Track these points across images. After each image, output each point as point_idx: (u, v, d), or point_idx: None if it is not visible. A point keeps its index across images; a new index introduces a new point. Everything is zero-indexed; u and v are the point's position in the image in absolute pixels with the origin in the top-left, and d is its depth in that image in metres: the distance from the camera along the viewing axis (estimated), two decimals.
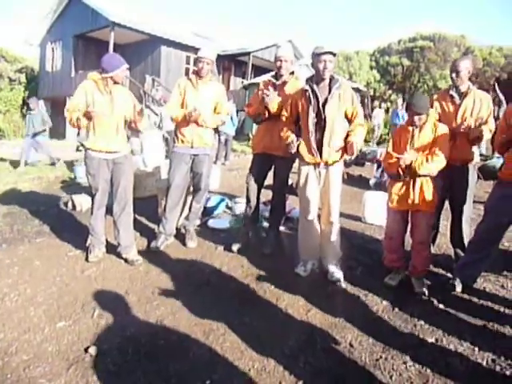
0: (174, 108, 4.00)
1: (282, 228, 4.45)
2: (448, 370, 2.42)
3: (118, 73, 3.52)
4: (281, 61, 3.80)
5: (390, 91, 24.69)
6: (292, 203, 5.05)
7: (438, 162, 3.18)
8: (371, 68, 25.16)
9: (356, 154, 3.27)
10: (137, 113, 3.64)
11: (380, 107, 16.83)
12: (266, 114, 3.81)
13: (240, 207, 5.21)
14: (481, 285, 3.52)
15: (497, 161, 6.42)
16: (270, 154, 3.93)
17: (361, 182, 7.94)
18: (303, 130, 3.43)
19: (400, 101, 14.81)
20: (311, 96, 3.32)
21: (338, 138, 3.34)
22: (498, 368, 2.46)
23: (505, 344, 2.69)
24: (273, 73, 4.01)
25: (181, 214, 4.47)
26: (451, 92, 3.64)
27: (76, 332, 2.72)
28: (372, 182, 7.52)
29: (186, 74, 17.63)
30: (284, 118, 3.50)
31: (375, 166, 8.17)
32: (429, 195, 3.25)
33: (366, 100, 19.44)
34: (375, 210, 5.12)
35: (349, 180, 8.06)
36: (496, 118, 4.41)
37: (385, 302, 3.20)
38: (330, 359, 2.50)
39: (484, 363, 2.51)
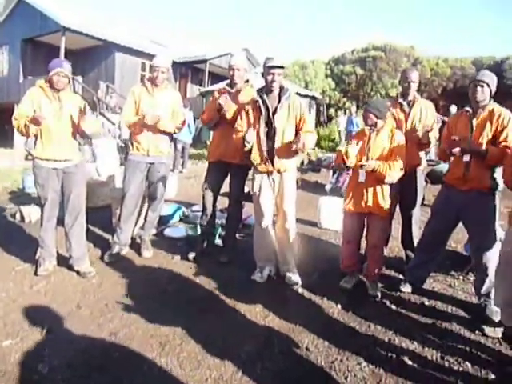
0: (129, 115, 3.93)
1: (238, 235, 4.46)
2: (400, 367, 2.51)
3: (51, 76, 3.36)
4: (233, 69, 3.83)
5: (345, 99, 25.39)
6: (249, 210, 5.06)
7: (400, 170, 3.30)
8: (326, 76, 25.80)
9: (305, 151, 3.29)
10: (80, 112, 3.48)
11: (345, 114, 17.21)
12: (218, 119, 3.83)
13: (197, 215, 5.17)
14: (430, 285, 3.67)
15: (444, 166, 6.72)
16: (226, 161, 3.93)
17: (317, 188, 8.09)
18: (255, 139, 3.47)
19: (354, 108, 15.29)
20: (261, 106, 3.38)
21: (288, 147, 3.40)
22: (446, 364, 2.58)
23: (452, 341, 2.82)
24: (228, 81, 4.03)
25: (136, 224, 4.38)
26: (400, 100, 3.82)
27: (24, 350, 2.59)
28: (328, 187, 7.68)
29: (141, 80, 17.35)
30: (238, 127, 3.53)
31: (331, 171, 8.36)
32: (384, 199, 3.36)
33: (321, 108, 19.90)
34: (331, 215, 5.24)
35: (305, 186, 8.20)
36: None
37: (340, 305, 3.27)
38: (287, 363, 2.52)
39: (433, 360, 2.62)
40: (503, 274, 2.79)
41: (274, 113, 3.38)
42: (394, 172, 3.26)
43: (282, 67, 3.34)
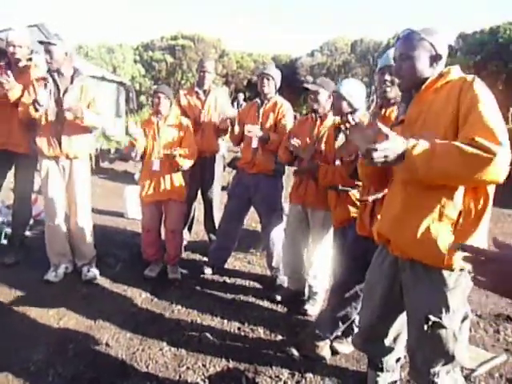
0: None
1: (29, 233, 3.97)
2: (201, 345, 2.62)
3: None
4: (13, 46, 3.33)
5: (156, 86, 25.11)
6: (41, 205, 4.56)
7: (192, 156, 3.37)
8: (135, 62, 25.00)
9: (76, 114, 3.04)
10: None
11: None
12: None
13: None
14: (232, 264, 3.91)
15: None
16: (9, 151, 3.41)
17: (126, 178, 7.80)
18: (42, 119, 3.12)
19: None
20: (51, 85, 3.07)
21: (80, 130, 3.16)
22: (242, 333, 2.80)
23: (248, 312, 3.07)
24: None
25: None
26: (196, 89, 3.93)
27: None
28: (137, 176, 7.47)
29: None
30: (25, 101, 3.11)
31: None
32: (179, 185, 3.42)
33: (131, 94, 19.23)
34: (137, 204, 5.09)
35: (113, 176, 7.83)
36: None
37: (144, 294, 3.22)
38: (83, 364, 2.36)
39: (232, 331, 2.81)
40: (287, 249, 3.19)
41: (64, 93, 3.12)
42: (187, 160, 3.34)
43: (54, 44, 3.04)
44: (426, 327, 1.55)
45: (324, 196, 2.75)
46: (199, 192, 4.11)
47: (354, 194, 2.54)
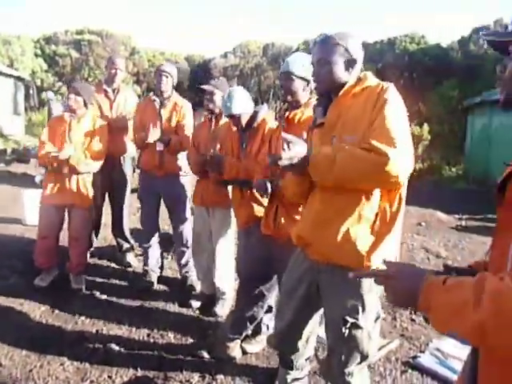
0: None
1: None
2: (106, 357, 2.49)
3: None
4: None
5: (60, 83, 23.50)
6: None
7: (99, 157, 3.22)
8: (36, 56, 23.18)
9: None
10: None
11: (63, 98, 15.74)
12: None
13: None
14: (141, 268, 3.75)
15: None
16: None
17: (26, 181, 7.21)
18: None
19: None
20: None
21: None
22: (151, 340, 2.72)
23: (158, 317, 2.98)
24: None
25: None
26: (105, 87, 3.74)
27: None
28: (38, 178, 6.92)
29: None
30: None
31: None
32: (84, 190, 3.24)
33: (31, 90, 17.83)
34: (37, 209, 4.73)
35: (10, 179, 7.18)
36: None
37: (44, 307, 3.00)
38: None
39: (140, 339, 2.72)
40: (195, 252, 3.18)
41: None
42: (95, 163, 3.20)
43: None
44: (343, 329, 1.59)
45: (224, 194, 2.80)
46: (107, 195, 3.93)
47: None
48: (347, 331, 1.59)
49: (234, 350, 2.53)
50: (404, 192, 1.60)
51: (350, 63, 1.60)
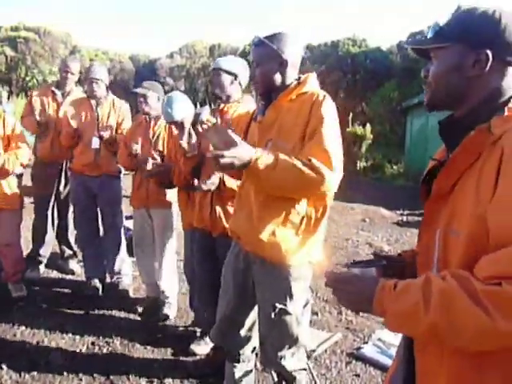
0: None
1: None
2: (48, 368, 2.40)
3: None
4: None
5: None
6: None
7: (25, 158, 3.10)
8: None
9: None
10: None
11: None
12: None
13: None
14: (81, 275, 3.62)
15: None
16: None
17: None
18: None
19: (5, 94, 13.64)
20: None
21: None
22: (96, 348, 2.64)
23: (103, 324, 2.91)
24: None
25: None
26: (53, 89, 3.61)
27: None
28: None
29: None
30: None
31: None
32: (11, 192, 3.09)
33: None
34: None
35: None
36: None
37: None
38: None
39: (85, 348, 2.64)
40: (138, 256, 3.13)
41: None
42: (22, 161, 3.08)
43: None
44: (273, 315, 1.67)
45: (164, 194, 2.83)
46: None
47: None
48: (277, 317, 1.67)
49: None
50: (330, 200, 1.68)
51: (282, 64, 1.63)
